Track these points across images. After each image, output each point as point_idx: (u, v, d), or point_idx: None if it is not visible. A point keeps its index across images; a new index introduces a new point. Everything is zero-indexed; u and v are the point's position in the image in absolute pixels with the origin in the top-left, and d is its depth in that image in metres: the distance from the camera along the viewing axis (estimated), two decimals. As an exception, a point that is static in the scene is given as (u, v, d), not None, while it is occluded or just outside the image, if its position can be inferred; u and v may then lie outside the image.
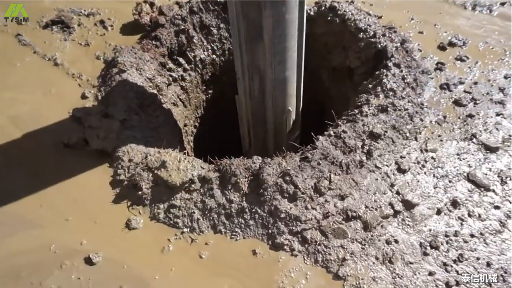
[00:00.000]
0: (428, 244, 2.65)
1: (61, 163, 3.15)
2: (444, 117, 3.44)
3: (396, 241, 2.65)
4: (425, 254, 2.62)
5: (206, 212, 2.75)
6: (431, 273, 2.52)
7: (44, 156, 3.21)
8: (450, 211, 2.83)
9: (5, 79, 3.87)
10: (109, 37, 4.38)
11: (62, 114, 3.51)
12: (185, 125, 4.63)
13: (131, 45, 4.20)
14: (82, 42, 4.30)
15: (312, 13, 4.34)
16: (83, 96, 3.70)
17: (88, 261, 2.55)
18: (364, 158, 3.00)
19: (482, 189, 2.95)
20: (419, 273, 2.53)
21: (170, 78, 4.32)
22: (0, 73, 3.94)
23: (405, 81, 3.52)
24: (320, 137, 3.09)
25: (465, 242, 2.68)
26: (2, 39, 4.28)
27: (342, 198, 2.79)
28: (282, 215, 2.68)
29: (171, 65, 4.34)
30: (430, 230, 2.73)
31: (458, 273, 2.53)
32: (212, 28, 4.59)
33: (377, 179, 2.95)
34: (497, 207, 2.85)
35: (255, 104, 3.47)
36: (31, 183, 3.03)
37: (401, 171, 3.01)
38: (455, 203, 2.86)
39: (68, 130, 3.34)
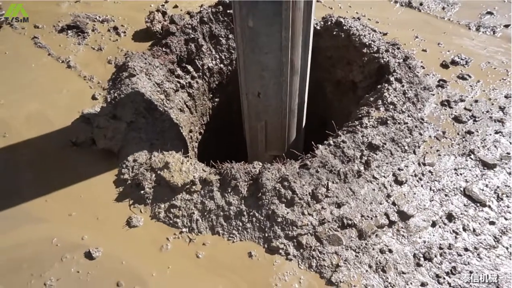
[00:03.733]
0: (422, 255, 2.69)
1: (68, 161, 3.27)
2: (443, 132, 3.50)
3: (390, 251, 2.69)
4: (418, 265, 2.65)
5: (205, 213, 2.82)
6: (423, 284, 2.55)
7: (52, 153, 3.33)
8: (445, 224, 2.87)
9: (20, 79, 4.04)
10: (122, 43, 4.55)
11: (72, 114, 3.65)
12: (191, 131, 4.74)
13: (142, 51, 4.35)
14: (95, 47, 4.47)
15: (318, 27, 4.47)
16: (93, 98, 3.83)
17: (88, 255, 2.63)
18: (362, 168, 3.06)
19: (478, 204, 2.99)
20: (411, 283, 2.55)
21: (178, 85, 4.45)
22: (16, 73, 4.11)
23: (406, 95, 3.59)
24: (320, 146, 3.16)
25: (459, 255, 2.71)
26: (19, 41, 4.47)
27: (339, 206, 2.85)
28: (279, 220, 2.74)
29: (179, 72, 4.48)
30: (424, 241, 2.77)
31: (450, 286, 2.55)
32: (221, 38, 4.73)
33: (374, 189, 3.00)
34: (492, 223, 2.88)
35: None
36: (38, 178, 3.14)
37: (398, 182, 3.07)
38: (450, 217, 2.89)
39: (77, 130, 3.47)
